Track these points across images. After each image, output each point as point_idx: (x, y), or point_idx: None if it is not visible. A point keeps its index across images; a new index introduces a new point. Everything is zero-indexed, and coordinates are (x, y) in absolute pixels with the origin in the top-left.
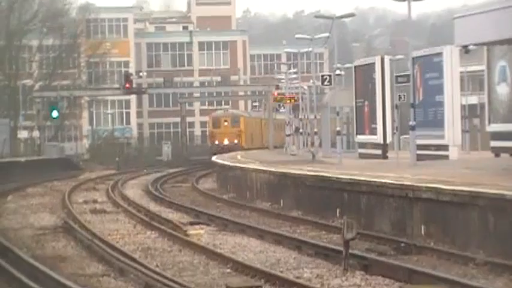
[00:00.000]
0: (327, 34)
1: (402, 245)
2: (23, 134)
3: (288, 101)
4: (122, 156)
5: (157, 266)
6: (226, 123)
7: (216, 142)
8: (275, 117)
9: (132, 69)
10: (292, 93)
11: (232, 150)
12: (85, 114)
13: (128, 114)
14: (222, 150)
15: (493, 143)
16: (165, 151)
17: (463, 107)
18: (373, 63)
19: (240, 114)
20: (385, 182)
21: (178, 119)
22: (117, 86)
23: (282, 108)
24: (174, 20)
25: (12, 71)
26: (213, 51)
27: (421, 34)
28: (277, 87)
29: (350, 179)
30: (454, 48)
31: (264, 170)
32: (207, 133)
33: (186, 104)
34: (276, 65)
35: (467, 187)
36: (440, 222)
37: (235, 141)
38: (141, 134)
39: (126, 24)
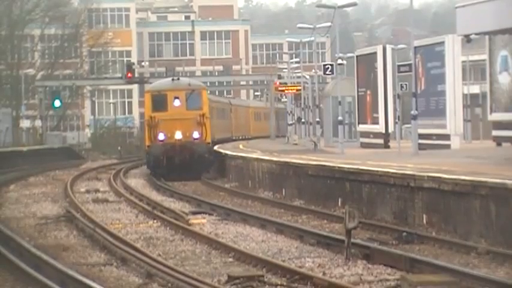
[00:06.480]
0: (328, 23)
1: (404, 234)
2: (25, 124)
3: (291, 90)
4: (124, 146)
5: (159, 255)
6: (178, 103)
7: (160, 137)
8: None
9: (134, 59)
10: (294, 83)
11: (188, 164)
12: (87, 103)
13: (130, 103)
14: (170, 162)
15: (495, 132)
16: None
17: (464, 96)
18: (375, 53)
19: (201, 86)
20: (387, 172)
21: None
22: (119, 75)
23: (284, 97)
24: (176, 9)
25: (14, 60)
26: (215, 41)
27: (423, 23)
28: (279, 77)
29: (352, 168)
30: (456, 37)
31: (266, 159)
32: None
33: None
34: (278, 54)
35: (469, 176)
36: (442, 212)
37: (195, 134)
38: (143, 124)
39: (128, 13)
